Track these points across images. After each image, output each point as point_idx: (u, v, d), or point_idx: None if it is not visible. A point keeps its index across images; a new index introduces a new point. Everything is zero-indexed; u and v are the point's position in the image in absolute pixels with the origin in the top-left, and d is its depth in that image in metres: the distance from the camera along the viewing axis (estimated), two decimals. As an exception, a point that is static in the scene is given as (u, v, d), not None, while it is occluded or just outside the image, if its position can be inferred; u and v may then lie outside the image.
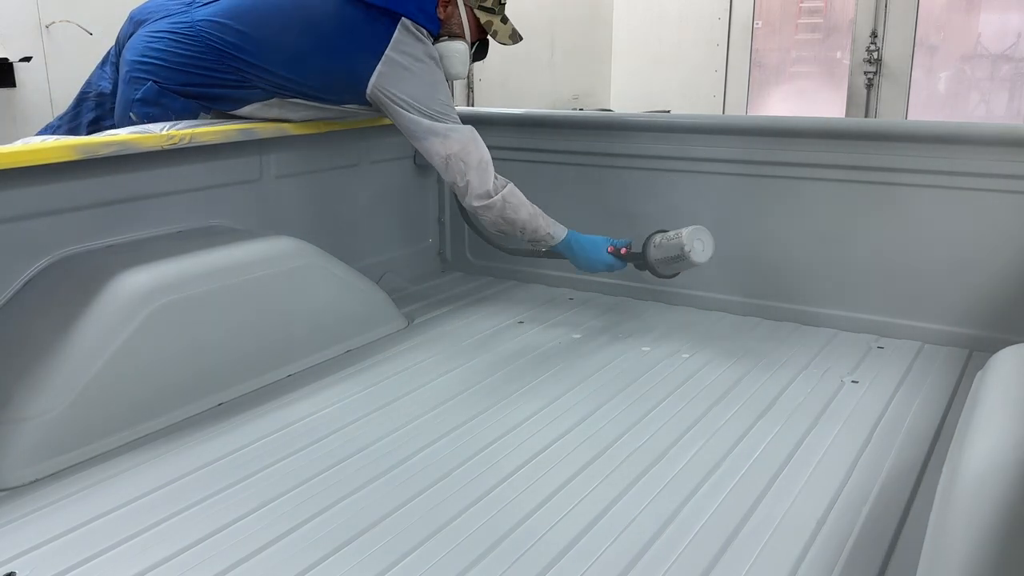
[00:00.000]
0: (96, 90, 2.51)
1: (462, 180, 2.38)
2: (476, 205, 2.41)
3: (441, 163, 2.39)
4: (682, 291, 2.76)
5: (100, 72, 2.54)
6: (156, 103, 2.34)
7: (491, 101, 5.78)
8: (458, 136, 2.38)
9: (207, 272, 2.02)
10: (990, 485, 1.09)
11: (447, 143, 2.36)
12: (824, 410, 1.96)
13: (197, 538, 1.46)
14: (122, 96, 2.40)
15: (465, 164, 2.38)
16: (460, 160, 2.37)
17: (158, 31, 2.39)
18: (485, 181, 2.39)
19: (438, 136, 2.36)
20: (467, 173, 2.38)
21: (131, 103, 2.35)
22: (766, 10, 6.63)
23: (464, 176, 2.38)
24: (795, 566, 1.38)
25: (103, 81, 2.50)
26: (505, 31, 2.56)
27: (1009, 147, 2.23)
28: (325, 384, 2.13)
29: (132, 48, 2.42)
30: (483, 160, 2.40)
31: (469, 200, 2.41)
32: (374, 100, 2.39)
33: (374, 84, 2.34)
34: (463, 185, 2.39)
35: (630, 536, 1.46)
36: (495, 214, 2.41)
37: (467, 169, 2.38)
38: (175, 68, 2.34)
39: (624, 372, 2.20)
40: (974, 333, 2.34)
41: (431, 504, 1.57)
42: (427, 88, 2.38)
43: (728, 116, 5.80)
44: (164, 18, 2.41)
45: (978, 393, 1.51)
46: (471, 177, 2.38)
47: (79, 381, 1.74)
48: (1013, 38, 5.86)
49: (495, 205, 2.39)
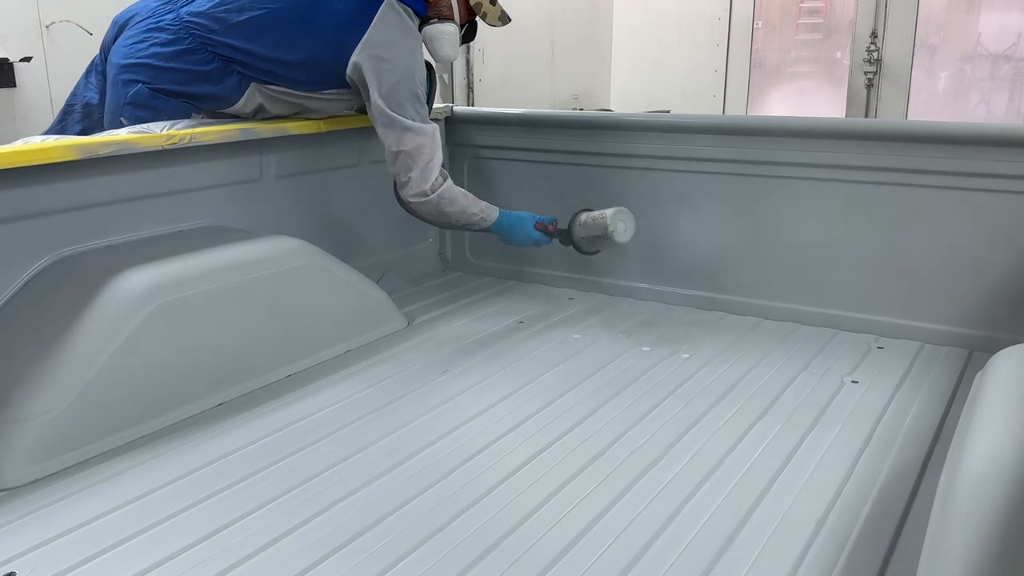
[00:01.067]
0: (82, 101, 2.49)
1: (404, 176, 2.41)
2: (412, 201, 2.44)
3: (391, 156, 2.40)
4: (682, 291, 2.76)
5: (85, 82, 2.51)
6: (147, 106, 2.33)
7: (491, 101, 5.78)
8: (413, 135, 2.37)
9: (207, 272, 2.02)
10: (990, 485, 1.09)
11: (402, 139, 2.36)
12: (824, 410, 1.96)
13: (197, 538, 1.46)
14: (111, 100, 2.39)
15: (412, 162, 2.39)
16: (409, 157, 2.38)
17: (142, 32, 2.39)
18: (425, 180, 2.41)
19: (395, 129, 2.36)
20: (411, 170, 2.39)
21: (121, 106, 2.34)
22: (766, 10, 6.63)
23: (407, 172, 2.40)
24: (795, 566, 1.38)
25: (89, 92, 2.48)
26: (494, 13, 2.56)
27: (1009, 147, 2.23)
28: (325, 384, 2.13)
29: (117, 51, 2.41)
30: (431, 163, 2.41)
31: (406, 194, 2.44)
32: (354, 79, 2.38)
33: (353, 63, 2.34)
34: (404, 180, 2.41)
35: (630, 536, 1.46)
36: (430, 208, 2.45)
37: (412, 167, 2.39)
38: (162, 66, 2.34)
39: (624, 372, 2.20)
40: (974, 333, 2.34)
41: (431, 504, 1.57)
42: (402, 74, 2.37)
43: (728, 116, 5.80)
44: (147, 19, 2.41)
45: (978, 393, 1.50)
46: (413, 175, 2.40)
47: (79, 381, 1.74)
48: (1013, 38, 5.86)
49: (431, 202, 2.43)
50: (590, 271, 2.93)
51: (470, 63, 5.67)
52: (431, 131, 2.40)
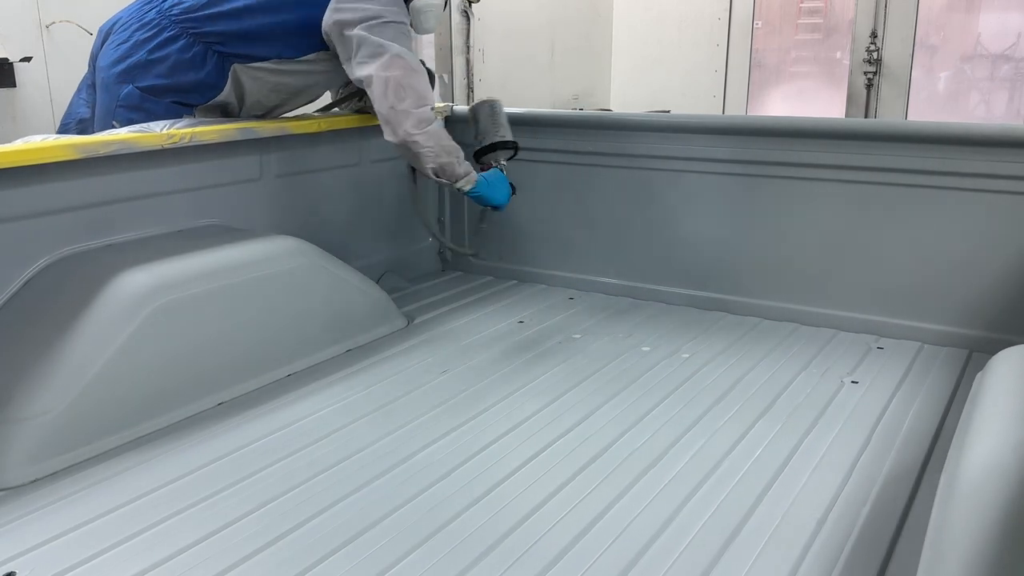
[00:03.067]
0: (76, 118, 2.48)
1: (400, 104, 2.29)
2: (414, 132, 2.31)
3: (380, 88, 2.29)
4: (682, 291, 2.76)
5: (78, 99, 2.52)
6: (138, 107, 2.33)
7: (491, 101, 5.77)
8: (401, 60, 2.30)
9: (207, 272, 2.02)
10: (990, 485, 1.09)
11: (391, 65, 2.29)
12: (824, 410, 1.96)
13: (197, 538, 1.46)
14: (101, 104, 2.39)
15: (405, 88, 2.30)
16: (400, 86, 2.29)
17: (128, 32, 2.39)
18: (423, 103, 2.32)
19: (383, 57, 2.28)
20: (405, 98, 2.30)
21: (113, 109, 2.34)
22: (766, 10, 6.63)
23: (402, 101, 2.29)
24: (795, 566, 1.38)
25: (81, 108, 2.48)
26: None
27: (1009, 147, 2.23)
28: (325, 384, 2.13)
29: (105, 56, 2.41)
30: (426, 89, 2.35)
31: (407, 128, 2.31)
32: (330, 35, 2.34)
33: (328, 14, 2.31)
34: (402, 110, 2.30)
35: (630, 536, 1.46)
36: (435, 141, 2.34)
37: (405, 94, 2.30)
38: (146, 59, 2.34)
39: (624, 372, 2.20)
40: (974, 333, 2.34)
41: (431, 504, 1.57)
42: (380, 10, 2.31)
43: (728, 116, 5.80)
44: (131, 20, 2.41)
45: (978, 394, 1.50)
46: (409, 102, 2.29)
47: (79, 381, 1.74)
48: (1013, 38, 5.86)
49: (433, 131, 2.34)
50: (590, 271, 2.93)
51: (470, 63, 5.67)
52: (414, 59, 2.35)
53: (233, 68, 2.39)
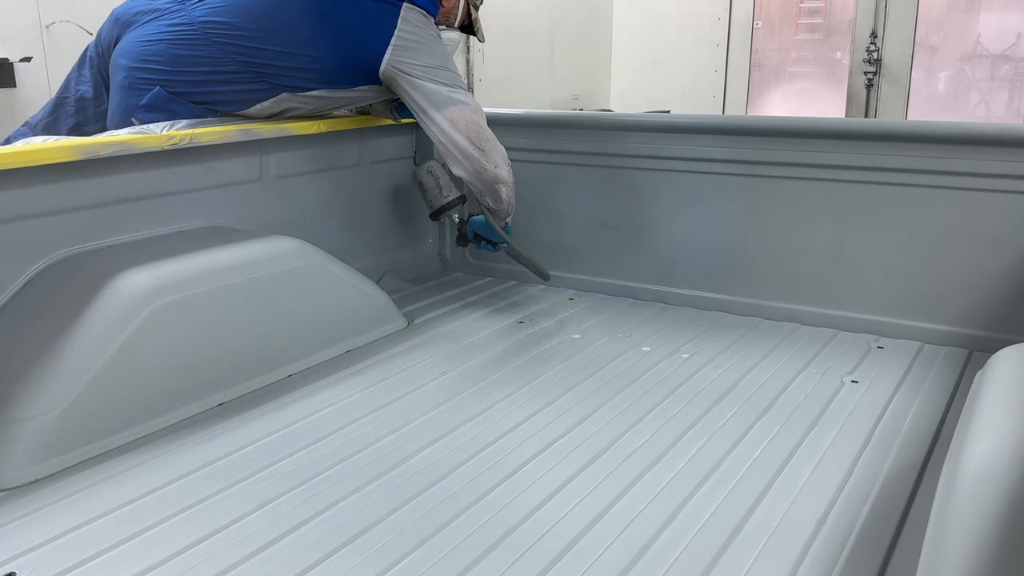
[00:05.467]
0: (76, 95, 2.46)
1: (484, 144, 2.40)
2: (504, 167, 2.44)
3: (463, 130, 2.39)
4: (682, 291, 2.76)
5: (78, 75, 2.48)
6: (163, 108, 2.32)
7: (491, 101, 5.78)
8: (475, 104, 2.43)
9: (207, 272, 2.02)
10: (990, 485, 1.09)
11: (466, 110, 2.39)
12: (824, 410, 1.96)
13: (197, 538, 1.46)
14: (121, 100, 2.36)
15: (486, 131, 2.42)
16: (479, 127, 2.40)
17: (155, 33, 2.35)
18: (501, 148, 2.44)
19: (456, 104, 2.38)
20: (488, 139, 2.41)
21: (134, 108, 2.32)
22: (766, 10, 6.63)
23: (487, 141, 2.41)
24: (795, 566, 1.38)
25: (83, 85, 2.46)
26: (481, 28, 2.70)
27: (1009, 147, 2.23)
28: (325, 384, 2.13)
29: (128, 53, 2.37)
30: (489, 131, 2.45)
31: (497, 165, 2.43)
32: (388, 79, 2.40)
33: (388, 62, 2.36)
34: (487, 150, 2.40)
35: (630, 536, 1.46)
36: (512, 180, 2.47)
37: (489, 135, 2.42)
38: (179, 70, 2.33)
39: (624, 372, 2.20)
40: (974, 333, 2.34)
41: (431, 504, 1.57)
42: (440, 60, 2.42)
43: (728, 116, 5.80)
44: (157, 19, 2.37)
45: (978, 393, 1.50)
46: (494, 143, 2.42)
47: (79, 381, 1.74)
48: (1013, 38, 5.86)
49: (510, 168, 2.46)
50: (590, 271, 2.93)
51: (470, 63, 5.68)
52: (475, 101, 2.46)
53: (282, 96, 2.42)
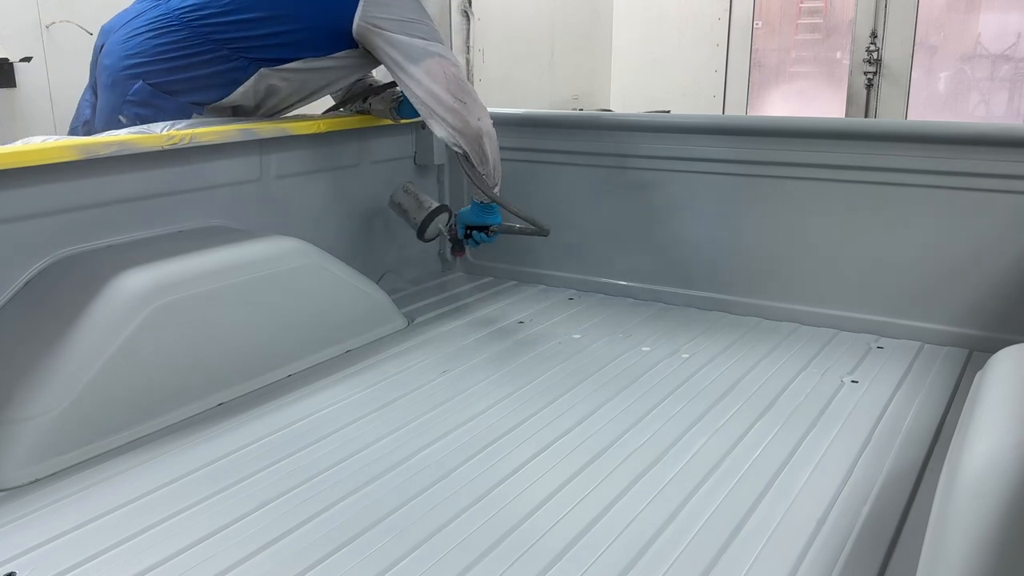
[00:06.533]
0: (82, 120, 2.47)
1: (465, 97, 2.33)
2: (486, 119, 2.37)
3: (442, 83, 2.31)
4: (682, 291, 2.76)
5: (83, 102, 2.51)
6: (148, 103, 2.31)
7: (491, 101, 5.77)
8: (453, 57, 2.36)
9: (207, 272, 2.02)
10: (990, 485, 1.09)
11: (444, 62, 2.32)
12: (824, 410, 1.96)
13: (197, 538, 1.46)
14: (107, 100, 2.37)
15: (464, 83, 2.34)
16: (459, 79, 2.33)
17: (135, 29, 2.37)
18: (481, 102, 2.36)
19: (433, 56, 2.31)
20: (469, 92, 2.35)
21: (121, 104, 2.32)
22: (766, 10, 6.63)
23: (468, 94, 2.34)
24: (795, 566, 1.38)
25: (86, 109, 2.47)
26: None
27: (1009, 147, 2.23)
28: (325, 384, 2.13)
29: (110, 53, 2.39)
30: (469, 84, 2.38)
31: (480, 118, 2.35)
32: (363, 38, 2.35)
33: (360, 17, 2.32)
34: (468, 103, 2.33)
35: (630, 536, 1.46)
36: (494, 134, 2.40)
37: (469, 88, 2.35)
38: (159, 59, 2.32)
39: (624, 372, 2.20)
40: (974, 333, 2.34)
41: (431, 504, 1.57)
42: (414, 13, 2.35)
43: (728, 116, 5.81)
44: (137, 17, 2.39)
45: (978, 393, 1.50)
46: (474, 96, 2.34)
47: (79, 381, 1.74)
48: (1013, 38, 5.86)
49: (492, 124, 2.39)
50: (590, 271, 2.93)
51: (470, 63, 5.68)
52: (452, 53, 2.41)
53: (260, 72, 2.39)
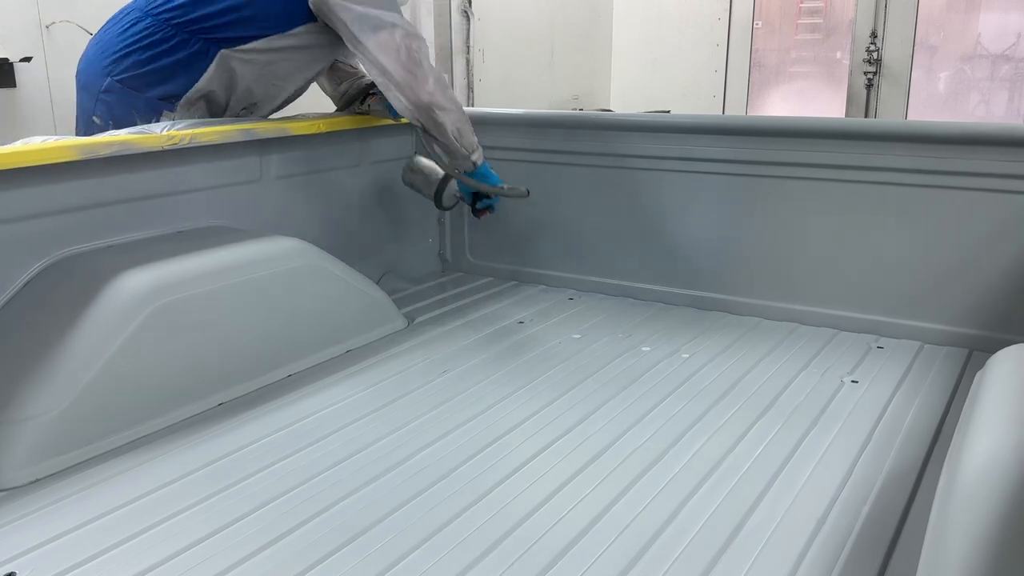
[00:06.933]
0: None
1: (416, 69, 2.28)
2: (437, 91, 2.29)
3: (393, 54, 2.26)
4: (682, 291, 2.76)
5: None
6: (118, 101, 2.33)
7: (491, 101, 5.78)
8: (411, 28, 2.32)
9: (207, 272, 2.02)
10: (990, 485, 1.09)
11: (397, 32, 2.26)
12: (824, 410, 1.96)
13: (197, 538, 1.46)
14: (82, 103, 2.39)
15: (419, 54, 2.28)
16: (410, 50, 2.28)
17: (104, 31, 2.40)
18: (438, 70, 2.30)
19: (387, 27, 2.26)
20: (421, 64, 2.29)
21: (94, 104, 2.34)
22: (766, 10, 6.63)
23: (419, 65, 2.28)
24: (795, 566, 1.38)
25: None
26: None
27: (1009, 147, 2.23)
28: (325, 384, 2.13)
29: (83, 58, 2.44)
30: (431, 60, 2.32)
31: (429, 88, 2.28)
32: (320, 10, 2.31)
33: None
34: (418, 75, 2.28)
35: (630, 536, 1.46)
36: (455, 103, 2.33)
37: (421, 59, 2.29)
38: (125, 54, 2.34)
39: (624, 372, 2.20)
40: (974, 333, 2.34)
41: (431, 504, 1.57)
42: None
43: (728, 116, 5.81)
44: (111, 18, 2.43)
45: (978, 393, 1.50)
46: (425, 67, 2.28)
47: (79, 381, 1.74)
48: (1013, 38, 5.86)
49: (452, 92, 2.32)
50: (590, 271, 2.93)
51: (470, 63, 5.67)
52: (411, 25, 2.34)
53: (221, 54, 2.35)
